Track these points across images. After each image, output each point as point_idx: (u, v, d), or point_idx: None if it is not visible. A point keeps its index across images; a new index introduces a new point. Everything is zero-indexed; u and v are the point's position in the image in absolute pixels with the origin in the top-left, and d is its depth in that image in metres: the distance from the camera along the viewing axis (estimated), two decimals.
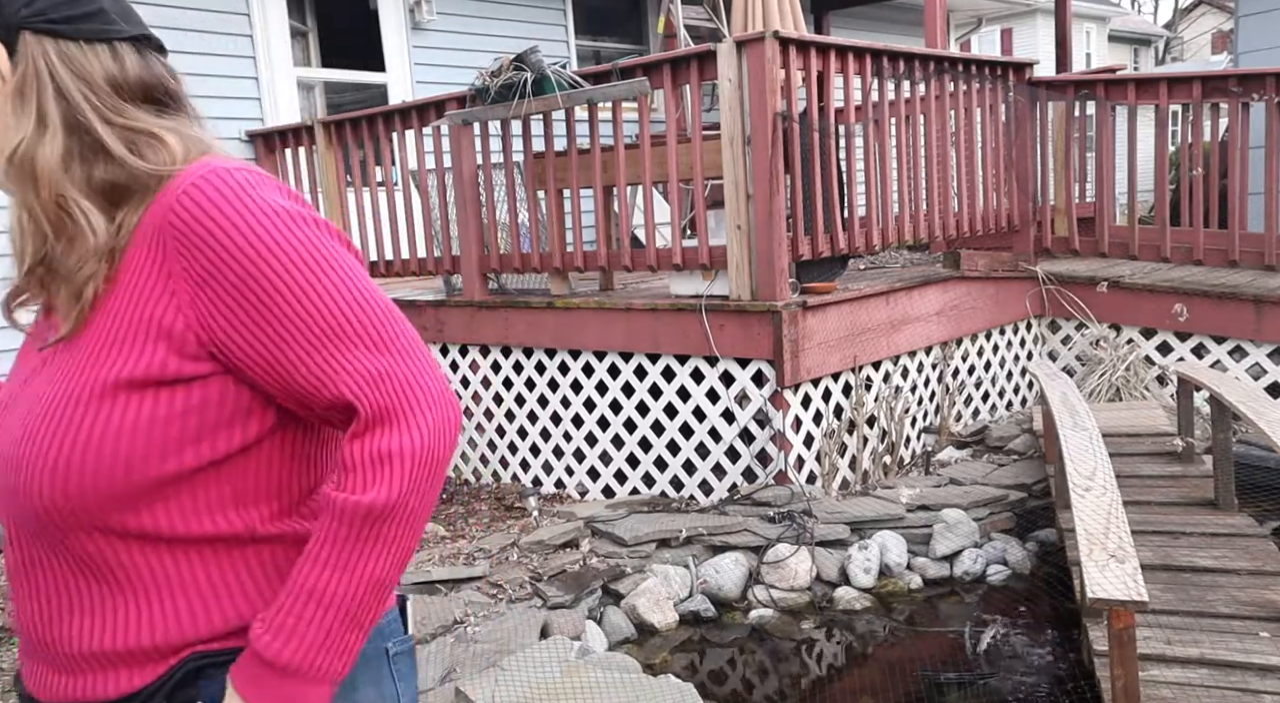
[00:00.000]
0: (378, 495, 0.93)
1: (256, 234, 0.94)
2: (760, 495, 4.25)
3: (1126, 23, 23.40)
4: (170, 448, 0.95)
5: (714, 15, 7.40)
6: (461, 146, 4.95)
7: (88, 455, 0.93)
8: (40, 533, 0.98)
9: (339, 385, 0.95)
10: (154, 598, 0.98)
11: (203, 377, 0.96)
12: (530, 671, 3.01)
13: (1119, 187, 6.62)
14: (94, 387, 0.95)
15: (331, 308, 0.95)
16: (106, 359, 0.95)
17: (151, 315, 0.95)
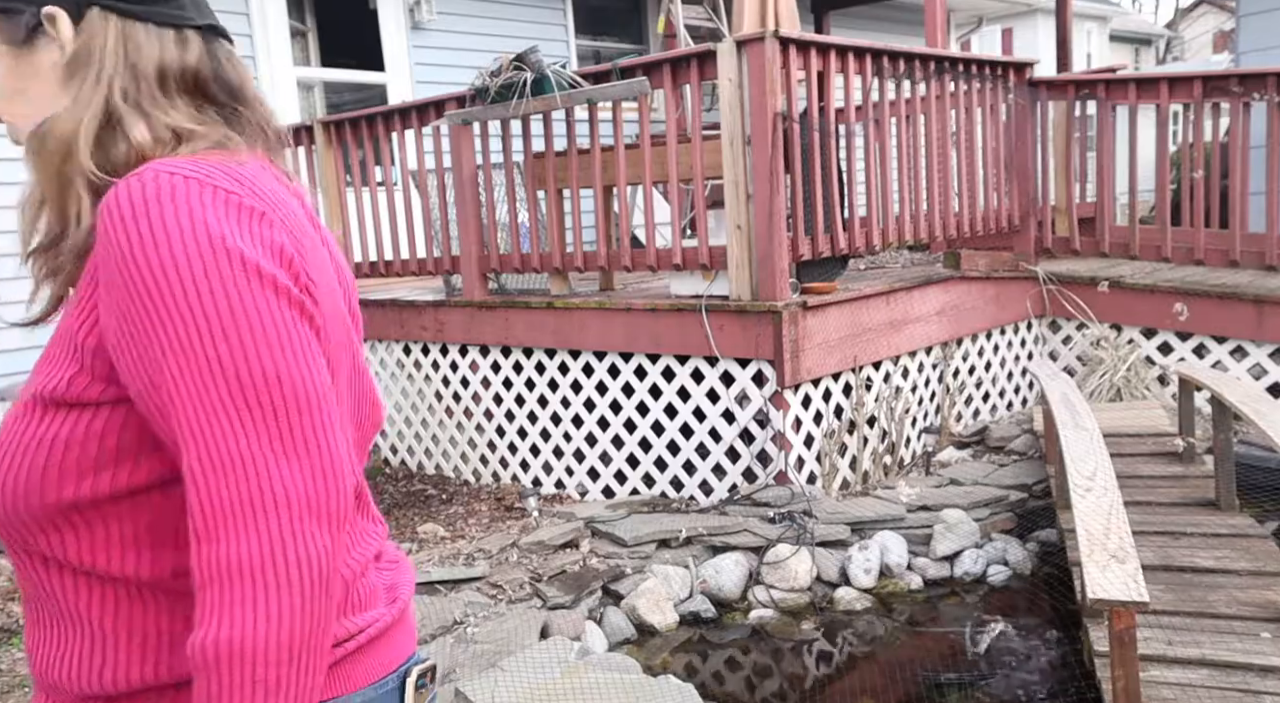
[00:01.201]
0: (219, 631, 0.78)
1: (156, 248, 0.81)
2: (760, 496, 4.24)
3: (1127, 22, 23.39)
4: (70, 473, 0.86)
5: (714, 15, 7.40)
6: (461, 146, 4.95)
7: (9, 469, 0.88)
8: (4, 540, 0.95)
9: (180, 460, 0.82)
10: (72, 631, 0.91)
11: (110, 402, 0.86)
12: (530, 671, 3.01)
13: (1120, 186, 6.61)
14: (25, 400, 0.90)
15: (214, 360, 0.80)
16: (39, 371, 0.90)
17: (72, 329, 0.88)
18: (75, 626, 0.91)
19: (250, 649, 0.78)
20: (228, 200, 0.85)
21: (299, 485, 0.80)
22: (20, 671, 3.33)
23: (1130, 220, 5.72)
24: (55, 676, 0.92)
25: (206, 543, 0.79)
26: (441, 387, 5.43)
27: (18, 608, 3.87)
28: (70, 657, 0.91)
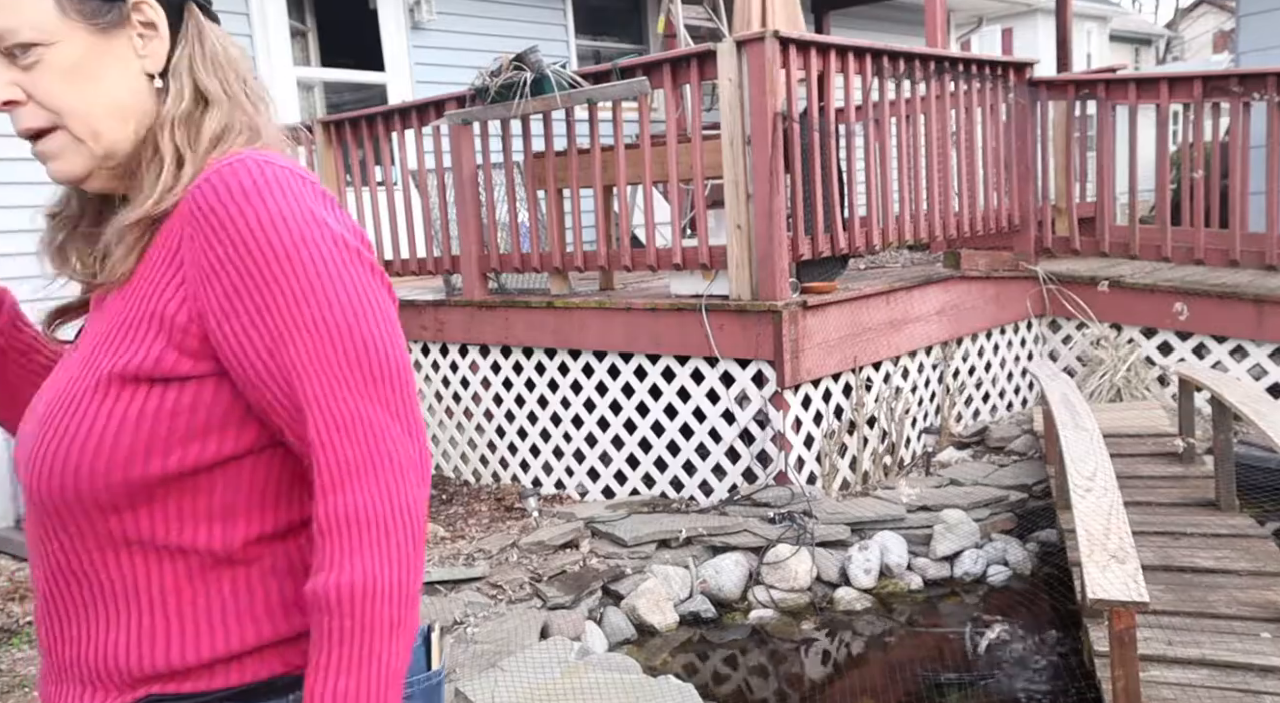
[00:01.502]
0: (349, 572, 0.85)
1: (278, 233, 0.87)
2: (760, 496, 4.24)
3: (1127, 22, 23.38)
4: (157, 448, 0.89)
5: (714, 15, 7.40)
6: (461, 146, 4.95)
7: (83, 449, 0.89)
8: (46, 528, 0.95)
9: (305, 423, 0.87)
10: (130, 612, 0.92)
11: (198, 376, 0.90)
12: (530, 671, 3.01)
13: (1120, 186, 6.61)
14: (96, 378, 0.90)
15: (336, 333, 0.87)
16: (110, 349, 0.91)
17: (158, 307, 0.90)
18: (140, 604, 0.92)
19: (375, 588, 0.85)
20: (314, 188, 0.91)
21: (405, 446, 0.89)
22: (20, 671, 3.32)
23: (1130, 220, 5.72)
24: (112, 661, 0.92)
25: (333, 495, 0.86)
26: (441, 387, 5.43)
27: (18, 608, 3.87)
28: (133, 638, 0.91)
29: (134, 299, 0.92)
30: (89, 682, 0.93)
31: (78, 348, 0.98)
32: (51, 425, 0.91)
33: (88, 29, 0.92)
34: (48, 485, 0.90)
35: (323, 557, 0.86)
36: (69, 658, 0.95)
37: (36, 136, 0.94)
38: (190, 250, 0.89)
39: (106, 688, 0.92)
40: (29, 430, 0.94)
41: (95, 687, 0.93)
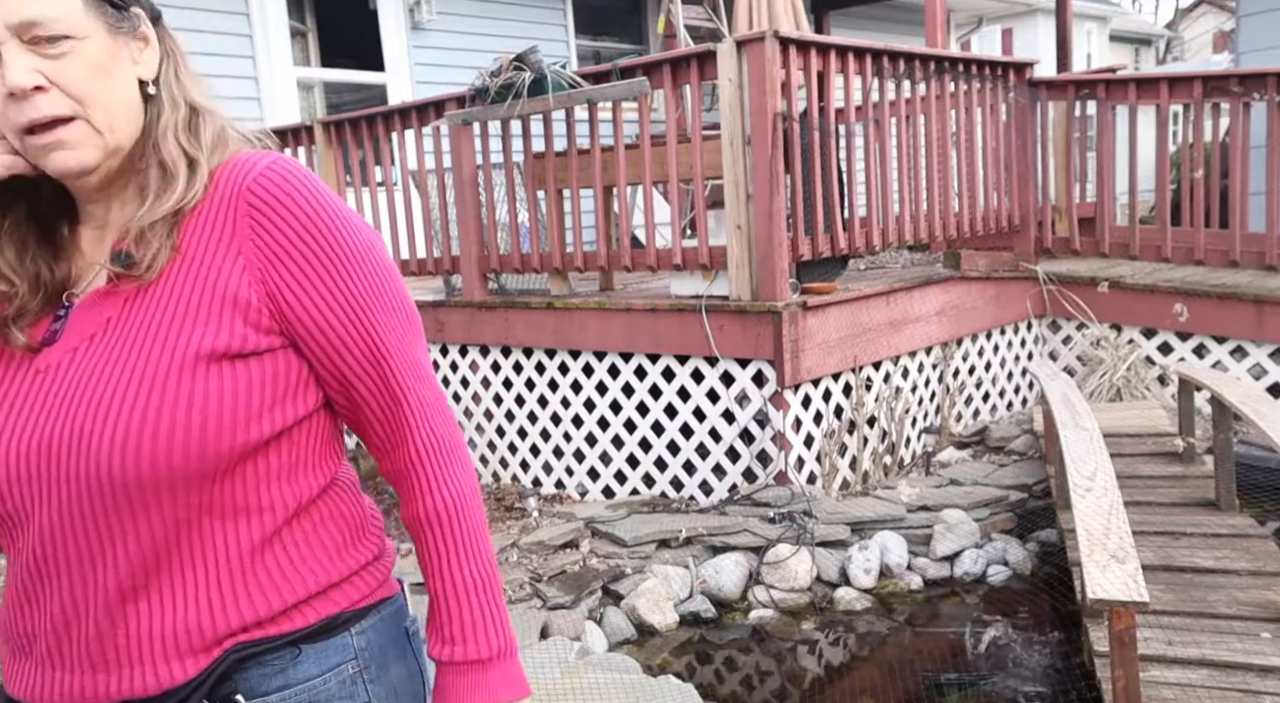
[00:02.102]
0: (460, 484, 1.06)
1: (339, 219, 1.01)
2: (760, 496, 4.24)
3: (1127, 23, 23.38)
4: (247, 419, 0.97)
5: (714, 15, 7.40)
6: (461, 146, 4.95)
7: (187, 426, 0.93)
8: (107, 512, 0.94)
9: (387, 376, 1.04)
10: (210, 576, 0.98)
11: (272, 350, 0.99)
12: (530, 672, 3.01)
13: (1120, 186, 6.61)
14: (179, 358, 0.95)
15: (397, 301, 1.05)
16: (187, 331, 0.96)
17: (226, 290, 0.97)
18: (220, 568, 0.98)
19: (473, 495, 1.07)
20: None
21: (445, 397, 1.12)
22: None
23: (1130, 220, 5.72)
24: (194, 626, 0.97)
25: (423, 429, 1.06)
26: (441, 387, 5.42)
27: None
28: (215, 601, 0.98)
29: (193, 284, 0.97)
30: (154, 658, 0.96)
31: (95, 338, 0.98)
32: (141, 407, 0.93)
33: (107, 31, 0.98)
34: (138, 465, 0.93)
35: (424, 482, 1.05)
36: (119, 640, 0.96)
37: (52, 126, 0.95)
38: (255, 237, 0.98)
39: (181, 656, 0.97)
40: (90, 418, 0.94)
41: (161, 661, 0.97)
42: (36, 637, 1.00)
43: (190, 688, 0.97)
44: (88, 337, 0.98)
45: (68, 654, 0.98)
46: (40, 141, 0.95)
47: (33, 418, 0.96)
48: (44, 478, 0.95)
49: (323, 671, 1.02)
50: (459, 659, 1.04)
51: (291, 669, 1.01)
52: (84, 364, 0.97)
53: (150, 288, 0.98)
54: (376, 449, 1.09)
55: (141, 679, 0.96)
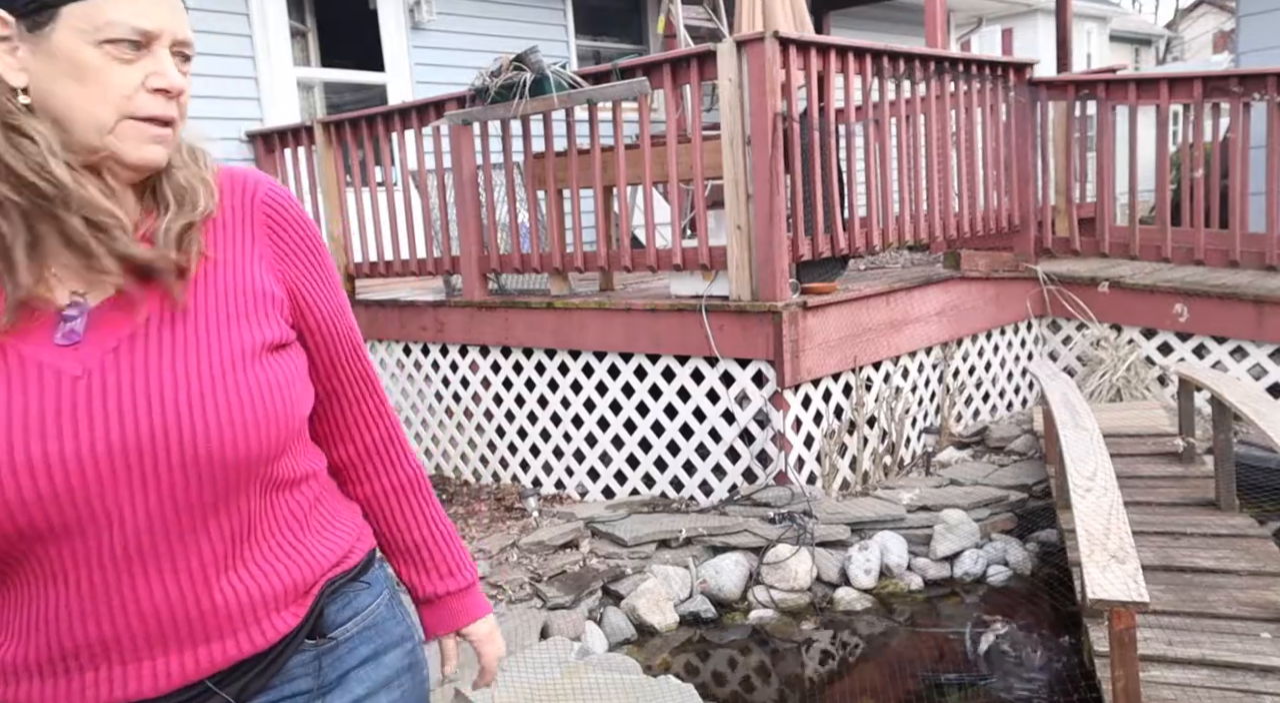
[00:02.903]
0: (416, 461, 1.33)
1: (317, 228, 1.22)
2: (760, 496, 4.24)
3: (1127, 23, 23.37)
4: (303, 400, 1.12)
5: (714, 15, 7.40)
6: (461, 146, 4.95)
7: (272, 407, 1.05)
8: (203, 497, 1.01)
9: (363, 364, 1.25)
10: (286, 537, 1.11)
11: (294, 342, 1.14)
12: (530, 672, 3.01)
13: (1120, 187, 6.61)
14: (243, 350, 1.05)
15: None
16: (240, 326, 1.06)
17: (261, 288, 1.09)
18: (297, 528, 1.13)
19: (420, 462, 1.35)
20: None
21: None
22: None
23: (1130, 220, 5.72)
24: (288, 582, 1.10)
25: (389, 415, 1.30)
26: (441, 387, 5.43)
27: None
28: (301, 557, 1.12)
29: (231, 284, 1.08)
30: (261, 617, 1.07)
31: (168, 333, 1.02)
32: (234, 393, 1.02)
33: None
34: (244, 446, 1.02)
35: (395, 456, 1.29)
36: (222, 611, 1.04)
37: (163, 124, 1.03)
38: (274, 244, 1.13)
39: (286, 606, 1.10)
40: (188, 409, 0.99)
41: (265, 618, 1.08)
42: (111, 640, 1.01)
43: (296, 632, 1.11)
44: (126, 336, 1.00)
45: (169, 638, 1.02)
46: (152, 132, 1.02)
47: (102, 419, 0.97)
48: (134, 474, 0.98)
49: (374, 598, 1.21)
50: (456, 588, 1.33)
51: (355, 600, 1.18)
52: (140, 362, 1.00)
53: (190, 288, 1.05)
54: (333, 435, 1.25)
55: (261, 636, 1.08)
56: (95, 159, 1.00)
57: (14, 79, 0.97)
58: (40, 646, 1.01)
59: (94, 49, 0.97)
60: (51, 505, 0.96)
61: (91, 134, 0.98)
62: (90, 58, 0.97)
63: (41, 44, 0.97)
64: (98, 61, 0.97)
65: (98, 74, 0.97)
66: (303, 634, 1.11)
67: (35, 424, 0.96)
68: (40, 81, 0.97)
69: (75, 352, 0.99)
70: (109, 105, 0.98)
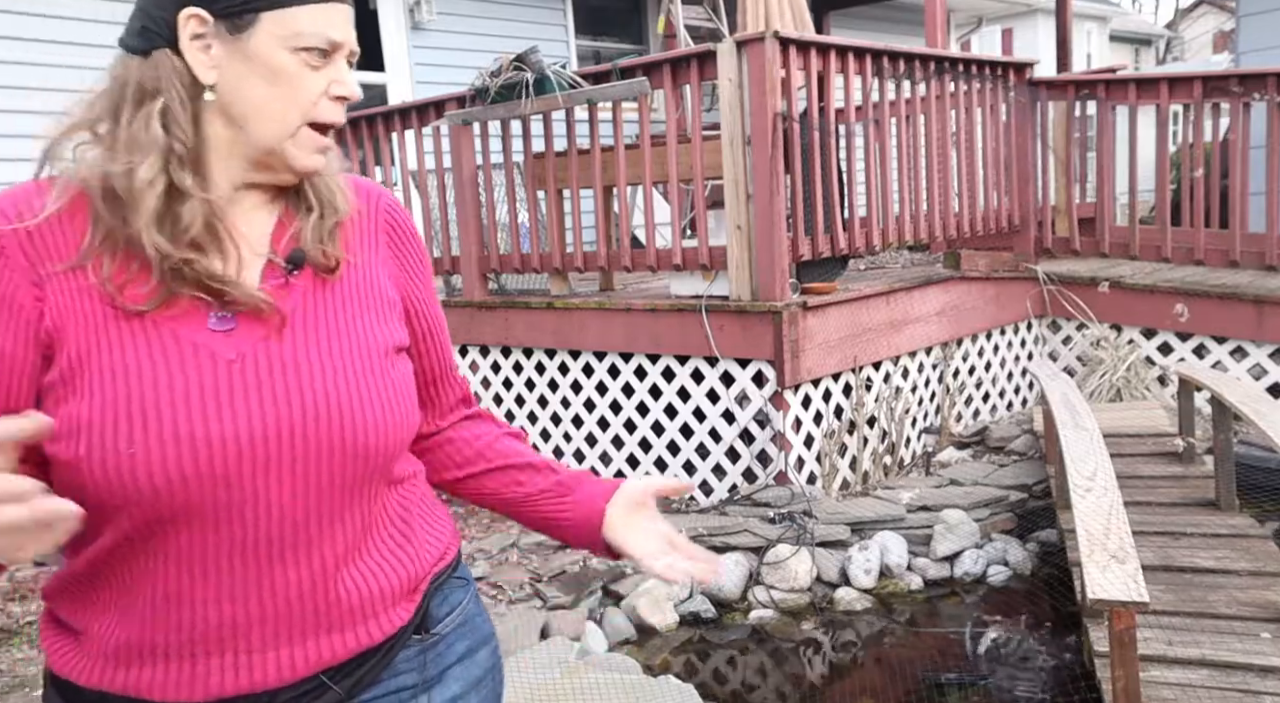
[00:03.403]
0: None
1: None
2: (760, 496, 4.24)
3: (1127, 23, 23.37)
4: (418, 401, 1.16)
5: (714, 15, 7.40)
6: (461, 147, 4.95)
7: (407, 406, 1.10)
8: (344, 487, 1.04)
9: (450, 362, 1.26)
10: (395, 534, 1.13)
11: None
12: (530, 672, 3.01)
13: (1120, 187, 6.61)
14: (380, 349, 1.08)
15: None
16: (374, 326, 1.09)
17: (385, 292, 1.13)
18: (412, 524, 1.15)
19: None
20: None
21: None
22: (20, 671, 3.32)
23: (1130, 220, 5.72)
24: (410, 573, 1.13)
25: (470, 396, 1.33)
26: None
27: (18, 608, 3.87)
28: (416, 550, 1.15)
29: (364, 286, 1.11)
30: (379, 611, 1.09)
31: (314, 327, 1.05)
32: (380, 388, 1.06)
33: None
34: (388, 439, 1.06)
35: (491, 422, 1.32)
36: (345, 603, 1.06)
37: (331, 131, 1.09)
38: (393, 248, 1.16)
39: (399, 601, 1.11)
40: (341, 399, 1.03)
41: (383, 611, 1.09)
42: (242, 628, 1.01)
43: (406, 627, 1.12)
44: (276, 326, 1.03)
45: (294, 629, 1.03)
46: (321, 141, 1.07)
47: (257, 402, 0.99)
48: (284, 459, 0.99)
49: (467, 594, 1.22)
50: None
51: (452, 596, 1.20)
52: (289, 351, 1.02)
53: (331, 285, 1.08)
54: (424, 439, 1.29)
55: (379, 630, 1.09)
56: (265, 160, 1.03)
57: (205, 76, 0.99)
58: (162, 630, 1.00)
59: (289, 54, 1.00)
60: (204, 484, 0.96)
61: (273, 136, 1.02)
62: (285, 62, 1.00)
63: (239, 45, 0.99)
64: (292, 67, 1.01)
65: (291, 78, 1.01)
66: (411, 629, 1.13)
67: (196, 403, 0.97)
68: (230, 80, 1.00)
69: (228, 337, 1.01)
70: (297, 109, 1.02)
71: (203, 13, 0.98)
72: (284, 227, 1.08)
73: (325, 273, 1.07)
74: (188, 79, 0.99)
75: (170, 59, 0.99)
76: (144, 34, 0.99)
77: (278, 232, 1.08)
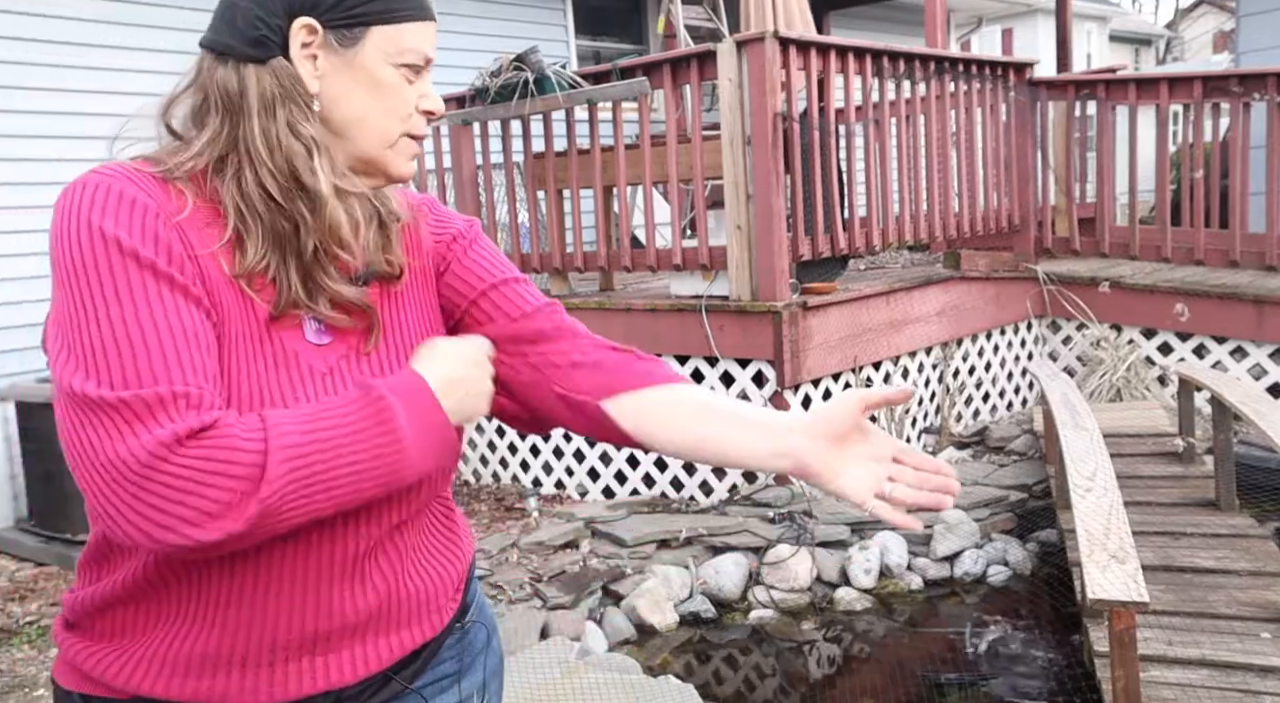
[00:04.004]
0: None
1: None
2: (760, 496, 4.24)
3: (1127, 23, 23.37)
4: None
5: (714, 15, 7.40)
6: (461, 147, 4.95)
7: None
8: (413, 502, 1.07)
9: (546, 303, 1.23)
10: (449, 532, 1.18)
11: None
12: (530, 672, 3.01)
13: (1120, 187, 6.61)
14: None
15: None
16: (434, 333, 1.12)
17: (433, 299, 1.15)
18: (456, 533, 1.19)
19: None
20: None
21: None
22: (20, 671, 3.33)
23: (1130, 220, 5.72)
24: (455, 575, 1.17)
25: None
26: None
27: (18, 608, 3.87)
28: (457, 555, 1.18)
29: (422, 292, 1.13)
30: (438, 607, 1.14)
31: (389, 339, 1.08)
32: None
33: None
34: (456, 449, 1.08)
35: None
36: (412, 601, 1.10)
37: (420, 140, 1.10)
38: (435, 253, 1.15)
39: (452, 597, 1.16)
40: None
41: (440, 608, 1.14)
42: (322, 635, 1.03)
43: (455, 617, 1.18)
44: (354, 344, 1.06)
45: (369, 628, 1.06)
46: (414, 149, 1.08)
47: None
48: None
49: (478, 583, 1.27)
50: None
51: (473, 585, 1.24)
52: (373, 368, 1.05)
53: (395, 295, 1.10)
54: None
55: (440, 621, 1.14)
56: (364, 168, 1.05)
57: (311, 85, 1.01)
58: (243, 640, 1.00)
59: (392, 69, 1.03)
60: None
61: (375, 144, 1.04)
62: (389, 76, 1.03)
63: (346, 57, 1.01)
64: (394, 80, 1.03)
65: (394, 91, 1.04)
66: (457, 620, 1.18)
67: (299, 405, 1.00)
68: (334, 90, 1.02)
69: (321, 351, 1.03)
70: (397, 120, 1.05)
71: (315, 23, 0.99)
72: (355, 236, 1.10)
73: (390, 281, 1.09)
74: (302, 87, 1.01)
75: (287, 67, 1.00)
76: (262, 43, 1.00)
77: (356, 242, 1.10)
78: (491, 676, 1.25)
